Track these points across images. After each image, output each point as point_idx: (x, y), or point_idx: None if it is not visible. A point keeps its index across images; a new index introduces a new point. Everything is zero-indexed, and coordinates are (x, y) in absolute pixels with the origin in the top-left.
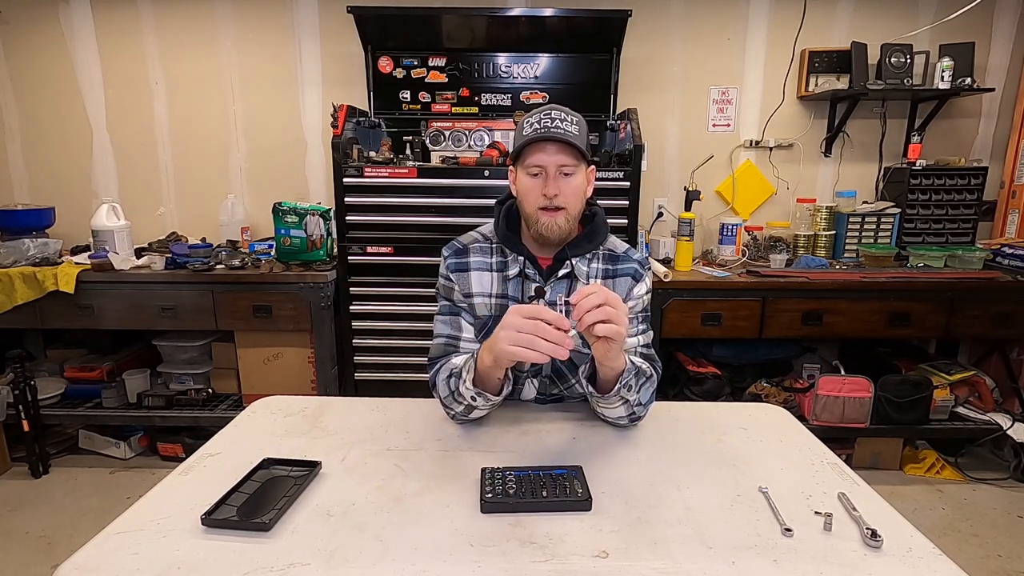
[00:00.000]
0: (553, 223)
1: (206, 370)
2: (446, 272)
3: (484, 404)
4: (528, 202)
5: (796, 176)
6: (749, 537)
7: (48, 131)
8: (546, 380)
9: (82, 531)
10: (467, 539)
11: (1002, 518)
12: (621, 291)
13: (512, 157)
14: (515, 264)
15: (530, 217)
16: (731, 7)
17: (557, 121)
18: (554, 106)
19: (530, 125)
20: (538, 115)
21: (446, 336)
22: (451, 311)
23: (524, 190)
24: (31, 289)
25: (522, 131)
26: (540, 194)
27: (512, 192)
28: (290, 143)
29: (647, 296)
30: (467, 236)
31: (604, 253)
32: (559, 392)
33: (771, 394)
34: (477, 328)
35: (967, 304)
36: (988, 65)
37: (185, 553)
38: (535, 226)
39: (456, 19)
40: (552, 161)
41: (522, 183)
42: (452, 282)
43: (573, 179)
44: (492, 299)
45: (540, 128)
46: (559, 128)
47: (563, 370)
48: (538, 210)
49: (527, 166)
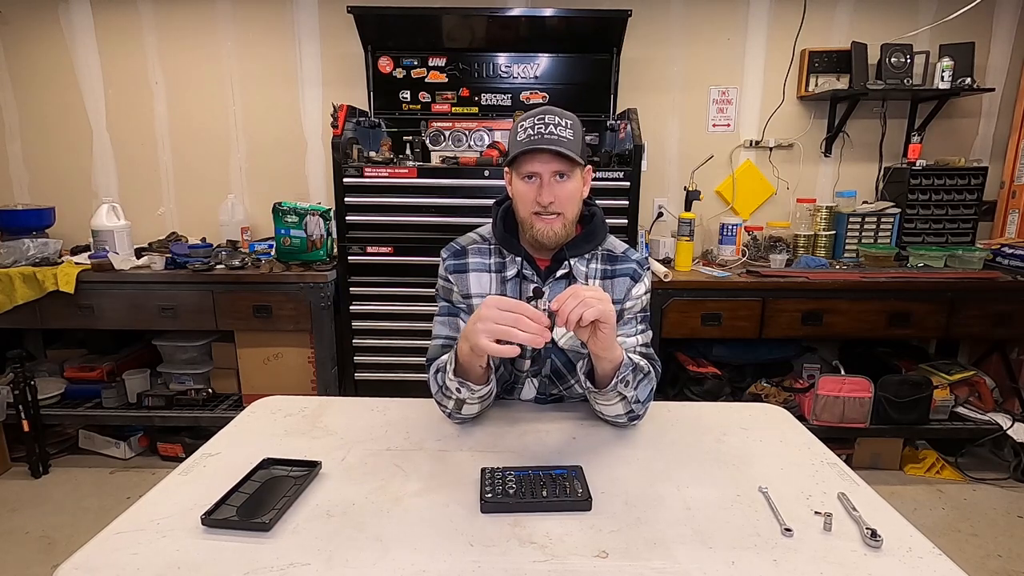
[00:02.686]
0: (549, 229)
1: (206, 370)
2: (445, 273)
3: (470, 397)
4: (523, 207)
5: (796, 176)
6: (749, 537)
7: (48, 131)
8: (545, 380)
9: (82, 531)
10: (467, 539)
11: (1002, 518)
12: (619, 291)
13: (507, 161)
14: (513, 265)
15: (525, 222)
16: (731, 7)
17: (551, 127)
18: (548, 109)
19: (524, 131)
20: (532, 120)
21: (444, 337)
22: (449, 312)
23: (519, 195)
24: (31, 289)
25: (516, 136)
26: (534, 200)
27: (509, 194)
28: (290, 143)
29: (646, 296)
30: (465, 237)
31: (603, 253)
32: (559, 392)
33: (771, 394)
34: None
35: (967, 304)
36: (988, 65)
37: (185, 553)
38: (530, 231)
39: (456, 19)
40: (546, 168)
41: (517, 188)
42: (451, 283)
43: (568, 183)
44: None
45: (534, 135)
46: (553, 135)
47: (562, 370)
48: (532, 215)
49: (521, 173)
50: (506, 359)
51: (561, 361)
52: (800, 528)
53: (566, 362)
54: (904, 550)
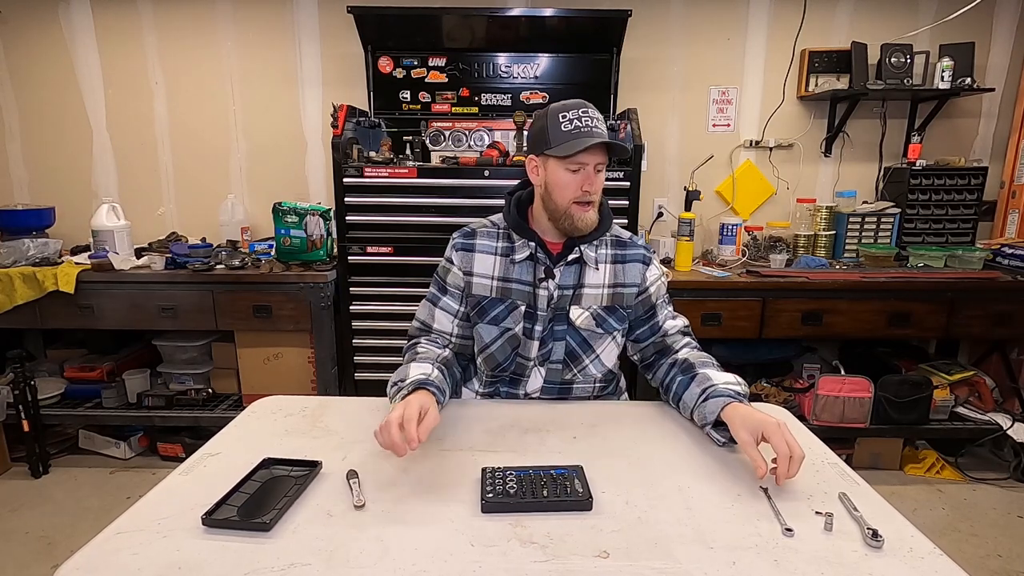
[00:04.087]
0: (586, 216)
1: (206, 370)
2: (450, 253)
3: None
4: (563, 196)
5: (796, 176)
6: (749, 537)
7: (48, 131)
8: (558, 366)
9: (82, 531)
10: (467, 539)
11: (1002, 518)
12: (633, 275)
13: (540, 147)
14: (524, 248)
15: (561, 209)
16: (731, 7)
17: (597, 121)
18: (584, 103)
19: (570, 122)
20: (576, 111)
21: (420, 322)
22: (432, 297)
23: (560, 184)
24: (31, 289)
25: (558, 126)
26: (579, 189)
27: (534, 181)
28: (290, 143)
29: (663, 278)
30: (477, 222)
31: (611, 239)
32: (571, 376)
33: (771, 394)
34: (471, 306)
35: (967, 304)
36: (988, 65)
37: (185, 553)
38: (568, 219)
39: (456, 19)
40: (594, 160)
41: (559, 177)
42: (452, 264)
43: (603, 175)
44: (494, 281)
45: (583, 127)
46: (599, 129)
47: (577, 351)
48: (573, 204)
49: (569, 162)
50: (512, 346)
51: (576, 341)
52: (801, 528)
53: (581, 342)
54: (905, 550)
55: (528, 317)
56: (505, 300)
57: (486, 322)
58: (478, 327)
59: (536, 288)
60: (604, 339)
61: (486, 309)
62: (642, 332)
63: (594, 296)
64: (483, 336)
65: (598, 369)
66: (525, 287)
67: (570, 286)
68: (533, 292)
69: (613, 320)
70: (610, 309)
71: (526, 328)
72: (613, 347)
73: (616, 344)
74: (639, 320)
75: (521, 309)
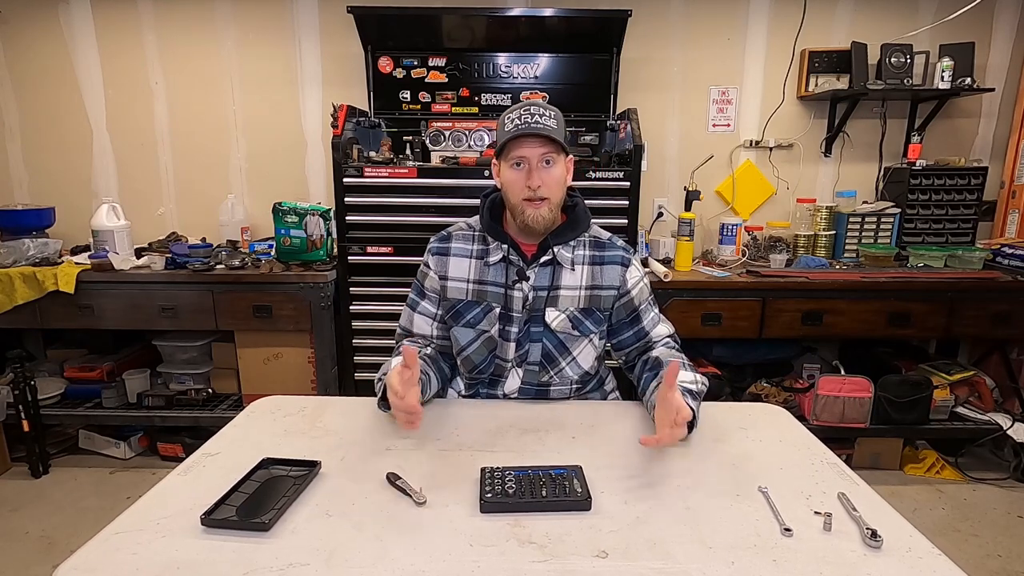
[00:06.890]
0: (537, 214)
1: (206, 370)
2: (426, 257)
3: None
4: (513, 193)
5: (796, 176)
6: (749, 537)
7: (48, 131)
8: (534, 368)
9: (82, 531)
10: (467, 539)
11: (1002, 518)
12: (611, 277)
13: (495, 152)
14: (498, 251)
15: (515, 208)
16: (731, 7)
17: (537, 116)
18: (531, 102)
19: (511, 121)
20: (518, 111)
21: (401, 327)
22: (411, 303)
23: (508, 182)
24: (31, 289)
25: (504, 127)
26: (524, 186)
27: (497, 185)
28: (290, 143)
29: (645, 279)
30: (453, 226)
31: (589, 240)
32: (548, 379)
33: (771, 394)
34: (445, 309)
35: (967, 304)
36: (988, 65)
37: (185, 553)
38: (520, 216)
39: (456, 19)
40: (534, 153)
41: (506, 176)
42: (429, 268)
43: (554, 169)
44: (469, 284)
45: (521, 124)
46: (539, 123)
47: (554, 353)
48: (523, 201)
49: (510, 159)
50: (489, 348)
51: (552, 343)
52: (800, 528)
53: (557, 344)
54: (904, 550)
55: (503, 319)
56: (481, 302)
57: (461, 325)
58: (454, 330)
59: (510, 290)
60: (581, 341)
61: (461, 312)
62: (626, 338)
63: (570, 298)
64: (459, 339)
65: (575, 371)
66: (499, 289)
67: (545, 288)
68: (506, 294)
69: (590, 323)
70: (587, 311)
71: (502, 330)
72: (591, 349)
73: (594, 346)
74: (621, 324)
75: (496, 311)
